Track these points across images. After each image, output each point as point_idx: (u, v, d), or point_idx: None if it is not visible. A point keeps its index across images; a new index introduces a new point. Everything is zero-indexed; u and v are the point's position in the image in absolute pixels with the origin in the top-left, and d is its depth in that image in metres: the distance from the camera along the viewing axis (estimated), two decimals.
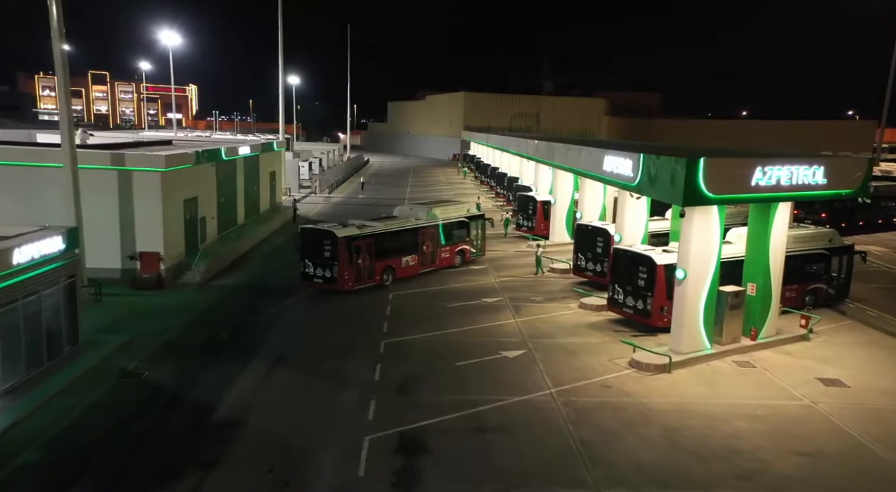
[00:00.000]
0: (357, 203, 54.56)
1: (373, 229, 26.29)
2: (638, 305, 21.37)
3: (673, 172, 16.30)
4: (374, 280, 26.04)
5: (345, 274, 24.77)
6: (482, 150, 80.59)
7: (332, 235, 24.66)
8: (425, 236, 28.46)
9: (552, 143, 33.06)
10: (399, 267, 27.24)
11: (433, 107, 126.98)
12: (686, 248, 18.20)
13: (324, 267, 24.93)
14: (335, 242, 24.54)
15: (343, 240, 24.59)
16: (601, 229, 26.68)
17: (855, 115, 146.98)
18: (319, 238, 24.96)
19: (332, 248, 24.62)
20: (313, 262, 25.12)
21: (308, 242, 25.34)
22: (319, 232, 25.24)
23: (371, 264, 25.80)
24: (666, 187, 16.80)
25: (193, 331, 20.89)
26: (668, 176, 16.60)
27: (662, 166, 17.01)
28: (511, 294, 26.04)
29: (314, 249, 25.05)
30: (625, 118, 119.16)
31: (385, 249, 26.48)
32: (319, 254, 24.90)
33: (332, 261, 24.67)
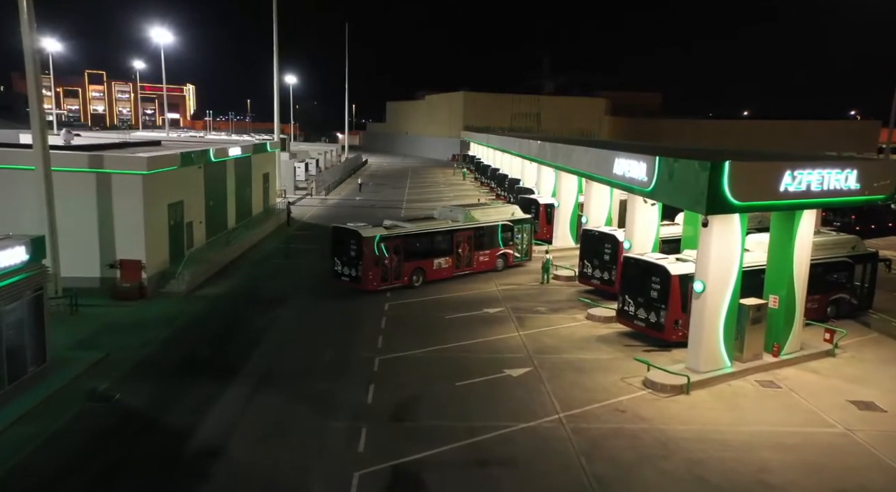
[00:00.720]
0: (354, 205, 53.14)
1: (401, 230, 26.15)
2: (650, 317, 19.97)
3: (694, 176, 14.89)
4: (403, 281, 25.90)
5: (369, 274, 24.81)
6: (482, 150, 79.22)
7: (357, 235, 24.73)
8: (461, 239, 27.93)
9: (556, 143, 31.63)
10: (430, 269, 26.88)
11: (432, 107, 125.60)
12: (705, 258, 16.78)
13: (350, 266, 25.12)
14: (360, 241, 24.61)
15: (368, 240, 24.60)
16: (609, 235, 25.27)
17: (857, 115, 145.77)
18: (347, 237, 25.19)
19: (357, 247, 24.75)
20: (341, 260, 25.46)
21: (337, 240, 25.66)
22: (347, 231, 25.41)
23: (399, 265, 25.64)
24: (686, 194, 15.40)
25: (174, 346, 19.46)
26: (688, 181, 15.19)
27: (682, 171, 15.60)
28: (514, 304, 24.63)
29: (342, 248, 25.35)
30: (626, 118, 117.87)
31: (415, 250, 26.33)
32: (346, 253, 25.19)
33: (357, 260, 24.80)
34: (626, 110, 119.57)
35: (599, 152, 22.76)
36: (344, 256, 25.25)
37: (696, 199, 14.80)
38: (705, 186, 14.23)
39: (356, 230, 24.95)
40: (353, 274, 25.05)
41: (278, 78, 50.98)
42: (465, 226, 28.10)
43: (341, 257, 25.38)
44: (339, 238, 25.51)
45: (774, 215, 18.13)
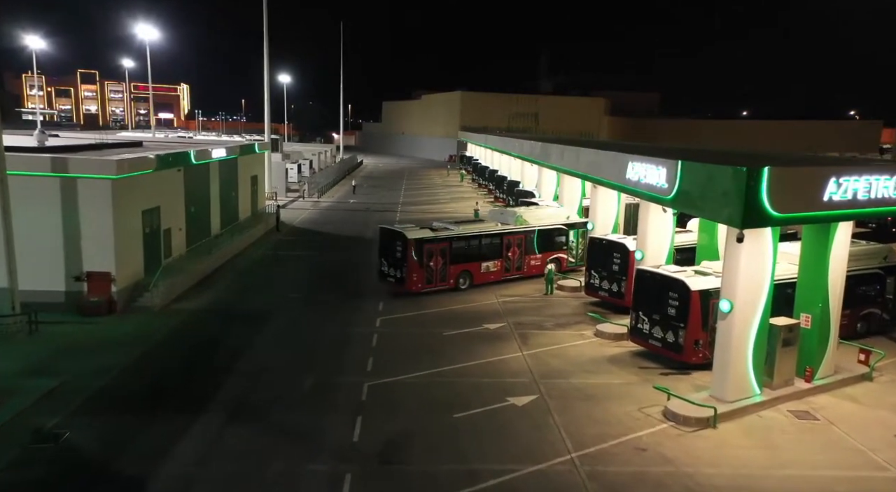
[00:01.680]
0: (347, 208, 51.25)
1: (447, 233, 26.06)
2: (668, 337, 18.12)
3: (727, 184, 13.04)
4: (448, 284, 25.84)
5: (413, 275, 24.84)
6: (480, 151, 77.39)
7: (402, 237, 24.85)
8: (510, 242, 27.45)
9: (562, 145, 29.75)
10: (477, 272, 26.68)
11: (429, 107, 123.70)
12: (732, 275, 14.94)
13: (395, 267, 25.26)
14: (405, 243, 24.66)
15: (413, 242, 24.67)
16: (618, 244, 23.42)
17: (856, 115, 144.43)
18: (393, 239, 25.35)
19: (402, 249, 24.83)
20: (387, 261, 25.65)
21: (383, 241, 25.90)
22: (393, 232, 25.58)
23: (445, 268, 25.57)
24: (715, 204, 13.54)
25: (139, 371, 17.53)
26: (718, 190, 13.34)
27: (711, 177, 13.75)
28: (516, 318, 22.77)
29: (388, 249, 25.55)
30: (625, 118, 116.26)
31: (462, 253, 26.18)
32: (392, 254, 25.35)
33: (402, 262, 24.85)
34: (625, 111, 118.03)
35: (610, 155, 20.89)
36: (390, 257, 25.45)
37: (729, 210, 12.94)
38: (741, 196, 12.39)
39: (402, 232, 25.11)
40: (397, 275, 25.11)
41: (269, 77, 49.07)
42: (515, 229, 27.61)
43: (387, 258, 25.60)
44: (386, 239, 25.72)
45: (807, 226, 16.30)
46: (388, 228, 26.24)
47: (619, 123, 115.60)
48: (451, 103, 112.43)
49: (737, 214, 12.66)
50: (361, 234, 39.53)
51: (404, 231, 25.16)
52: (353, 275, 28.98)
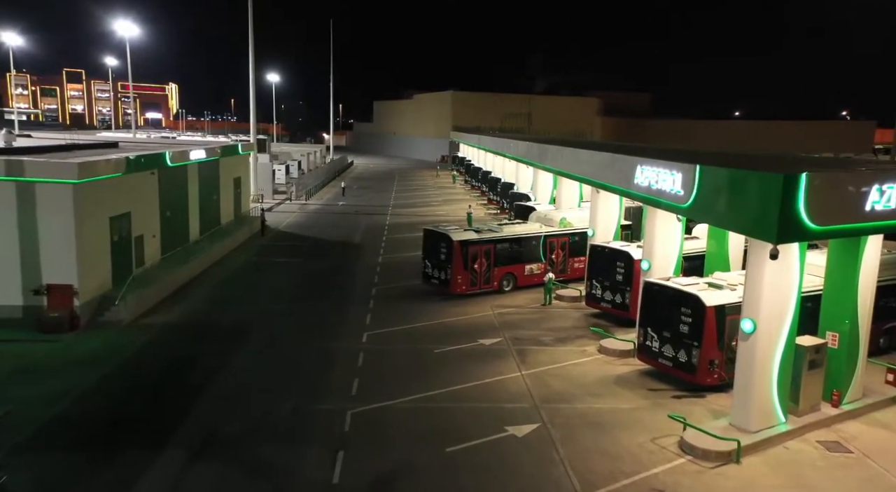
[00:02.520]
0: (335, 211, 49.56)
1: (492, 235, 25.89)
2: (679, 356, 16.63)
3: (758, 193, 11.54)
4: (492, 286, 25.63)
5: (458, 278, 24.74)
6: (473, 152, 75.87)
7: (448, 239, 24.80)
8: (554, 245, 27.07)
9: (560, 146, 28.24)
10: (521, 275, 26.35)
11: (420, 106, 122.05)
12: (756, 291, 13.46)
13: (440, 269, 25.24)
14: (450, 245, 24.61)
15: (458, 244, 24.61)
16: (622, 253, 21.93)
17: (847, 116, 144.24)
18: (437, 240, 25.29)
19: (447, 251, 24.79)
20: (431, 263, 25.64)
21: (428, 243, 25.90)
22: (438, 234, 25.51)
23: (489, 270, 25.37)
24: (743, 215, 12.03)
25: (99, 396, 15.84)
26: (747, 199, 11.84)
27: (737, 184, 12.24)
28: (513, 333, 21.22)
29: (432, 251, 25.52)
30: (618, 119, 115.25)
31: (506, 255, 25.94)
32: (437, 256, 25.31)
33: (447, 263, 24.84)
34: (617, 111, 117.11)
35: (615, 157, 19.36)
36: (434, 259, 25.45)
37: (761, 223, 11.43)
38: (776, 207, 10.89)
39: (447, 233, 25.07)
40: (442, 277, 25.14)
41: (255, 76, 47.25)
42: (559, 232, 27.31)
43: (431, 260, 25.60)
44: (430, 241, 25.68)
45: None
46: (432, 229, 26.21)
47: (611, 123, 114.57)
48: (443, 103, 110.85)
49: (771, 228, 11.15)
50: (349, 239, 37.90)
51: (449, 233, 25.11)
52: (340, 284, 27.35)
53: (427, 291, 26.05)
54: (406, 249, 34.69)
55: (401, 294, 25.88)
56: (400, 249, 34.97)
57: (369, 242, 36.95)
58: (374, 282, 27.80)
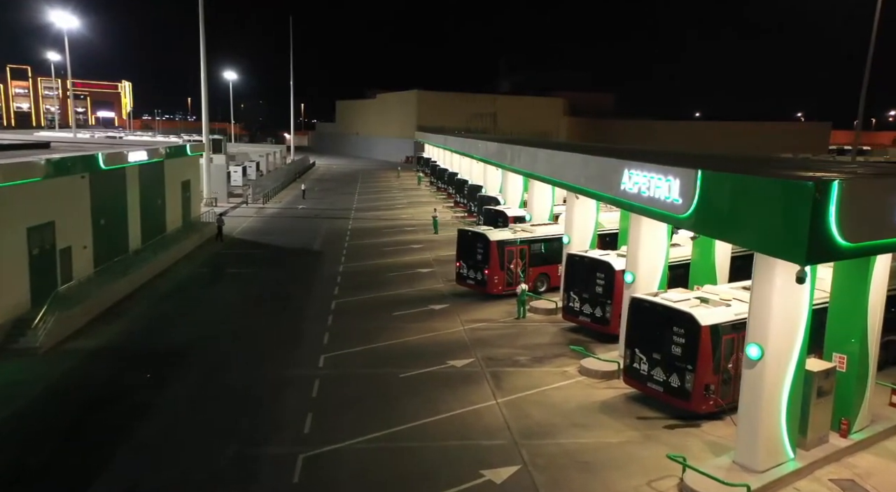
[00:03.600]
0: (295, 215, 47.03)
1: (527, 235, 25.37)
2: (671, 381, 15.00)
3: (780, 204, 9.85)
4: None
5: (494, 278, 24.43)
6: (438, 152, 74.00)
7: (485, 238, 24.52)
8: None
9: (533, 148, 26.54)
10: (554, 275, 25.36)
11: (384, 106, 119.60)
12: (762, 314, 11.87)
13: (475, 270, 24.93)
14: (487, 244, 24.31)
15: (495, 243, 24.28)
16: (602, 263, 20.28)
17: (801, 117, 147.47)
18: (473, 241, 24.95)
19: (484, 250, 24.51)
20: (467, 264, 25.33)
21: (462, 243, 25.59)
22: (474, 234, 25.21)
23: (524, 271, 24.91)
24: (760, 231, 10.32)
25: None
26: (766, 211, 10.16)
27: (750, 193, 10.56)
28: (486, 352, 19.36)
29: (468, 252, 25.19)
30: (583, 119, 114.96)
31: (540, 255, 25.46)
32: (472, 256, 24.98)
33: (483, 264, 24.61)
34: (581, 111, 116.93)
35: (598, 161, 17.63)
36: (470, 259, 25.11)
37: (785, 240, 9.75)
38: (805, 221, 9.22)
39: (483, 233, 24.80)
40: (478, 278, 24.84)
41: (206, 71, 44.43)
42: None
43: (467, 261, 25.27)
44: (466, 241, 25.36)
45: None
46: (468, 229, 26.02)
47: (577, 123, 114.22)
48: (408, 103, 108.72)
49: (798, 247, 9.48)
50: (308, 245, 35.56)
51: (486, 233, 24.84)
52: (297, 298, 25.10)
53: (392, 304, 24.04)
54: (369, 257, 32.59)
55: (363, 308, 23.80)
56: (363, 256, 32.84)
57: (330, 248, 34.70)
58: (334, 294, 25.64)
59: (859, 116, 53.26)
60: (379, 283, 27.41)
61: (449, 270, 29.66)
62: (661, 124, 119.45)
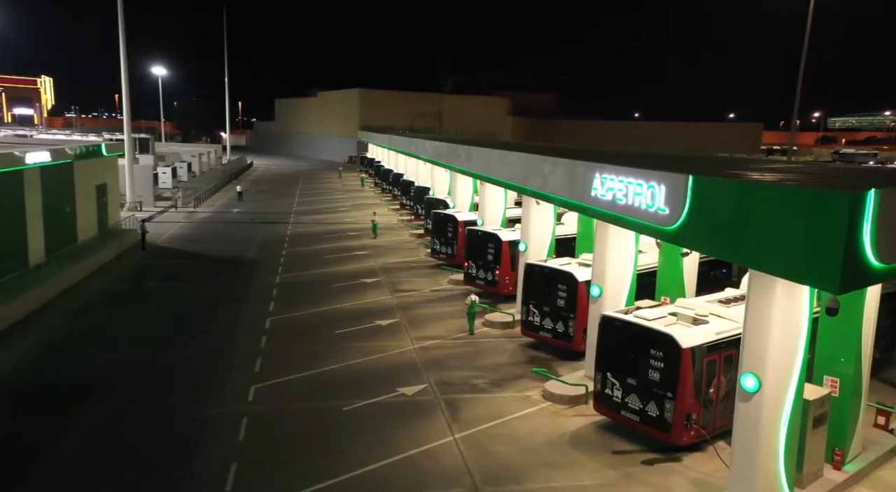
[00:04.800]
0: (229, 220, 43.80)
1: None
2: (649, 410, 13.44)
3: (803, 218, 8.23)
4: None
5: (506, 278, 23.69)
6: (383, 152, 71.62)
7: (496, 238, 23.93)
8: None
9: (487, 149, 24.78)
10: None
11: (326, 105, 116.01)
12: (760, 342, 10.39)
13: (486, 270, 24.30)
14: (499, 244, 23.70)
15: (507, 244, 23.63)
16: (564, 274, 18.63)
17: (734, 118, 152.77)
18: (484, 240, 24.26)
19: (495, 250, 23.79)
20: (476, 264, 24.68)
21: (472, 242, 24.88)
22: (485, 234, 24.49)
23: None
24: (776, 250, 8.66)
25: None
26: (783, 227, 8.53)
27: (765, 205, 8.88)
28: (440, 375, 17.40)
29: (478, 251, 24.49)
30: (528, 118, 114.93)
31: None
32: (482, 256, 24.32)
33: (494, 264, 23.98)
34: (524, 111, 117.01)
35: (562, 164, 15.89)
36: (479, 259, 24.55)
37: (812, 263, 8.10)
38: (839, 241, 7.62)
39: (495, 233, 24.36)
40: (488, 278, 24.36)
41: (126, 62, 40.74)
42: None
43: (476, 261, 24.72)
44: (475, 241, 24.75)
45: None
46: (477, 229, 25.46)
47: (521, 122, 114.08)
48: (350, 101, 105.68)
49: (832, 271, 7.86)
50: (243, 254, 32.70)
51: (497, 232, 24.31)
52: (226, 315, 22.47)
53: (334, 321, 21.76)
54: (309, 265, 30.10)
55: (302, 326, 21.45)
56: (302, 265, 30.31)
57: (266, 257, 31.98)
58: (269, 310, 23.13)
59: (794, 118, 54.40)
60: (320, 295, 25.05)
61: (397, 280, 27.63)
62: (602, 124, 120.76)
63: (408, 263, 31.14)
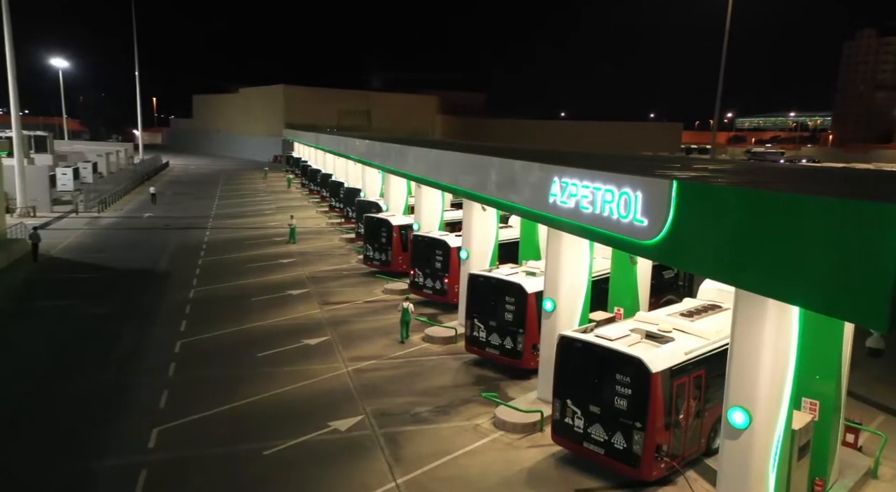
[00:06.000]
0: (138, 226, 39.90)
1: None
2: (615, 442, 11.98)
3: (834, 237, 6.70)
4: None
5: (454, 287, 22.17)
6: (310, 152, 68.51)
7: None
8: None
9: (424, 148, 22.94)
10: None
11: (248, 102, 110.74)
12: (749, 371, 9.09)
13: (434, 278, 23.00)
14: (447, 251, 22.55)
15: (455, 249, 22.16)
16: (513, 285, 17.04)
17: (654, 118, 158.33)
18: (432, 247, 22.95)
19: (443, 259, 22.74)
20: (423, 272, 23.34)
21: (418, 251, 23.61)
22: (430, 240, 23.13)
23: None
24: (796, 274, 7.07)
25: None
26: (811, 246, 6.95)
27: (780, 219, 7.27)
28: (377, 403, 15.40)
29: (423, 259, 23.35)
30: (457, 117, 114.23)
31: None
32: (430, 264, 23.06)
33: (443, 272, 22.81)
34: (454, 110, 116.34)
35: (513, 165, 14.20)
36: (427, 267, 23.06)
37: (848, 292, 6.57)
38: (890, 265, 6.14)
39: (443, 239, 22.87)
40: (436, 286, 23.06)
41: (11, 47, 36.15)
42: None
43: (423, 268, 23.23)
44: (422, 247, 23.32)
45: None
46: (424, 235, 23.77)
47: (451, 121, 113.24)
48: (274, 98, 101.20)
49: (878, 305, 6.32)
50: (153, 265, 29.41)
51: (445, 238, 22.98)
52: (129, 339, 19.58)
53: (256, 341, 19.30)
54: (228, 276, 27.29)
55: (218, 349, 18.91)
56: (220, 276, 27.46)
57: (179, 268, 28.87)
58: (181, 331, 20.40)
59: (715, 118, 55.82)
60: (240, 312, 22.47)
61: (327, 290, 25.36)
62: (531, 123, 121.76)
63: (338, 271, 28.88)
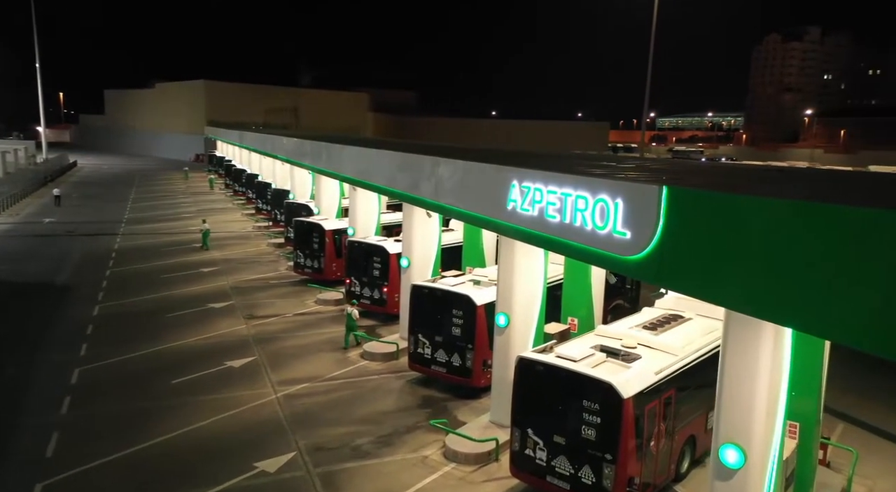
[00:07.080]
0: (37, 232, 35.93)
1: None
2: (583, 476, 10.74)
3: (858, 250, 5.65)
4: None
5: (395, 297, 20.69)
6: (234, 151, 64.88)
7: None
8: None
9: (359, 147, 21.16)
10: None
11: (166, 97, 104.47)
12: (742, 404, 8.01)
13: (371, 287, 21.56)
14: (386, 258, 20.97)
15: (394, 256, 20.58)
16: (460, 297, 15.58)
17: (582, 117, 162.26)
18: (370, 253, 21.43)
19: (382, 265, 21.28)
20: (358, 278, 21.82)
21: (353, 255, 22.10)
22: (369, 247, 21.58)
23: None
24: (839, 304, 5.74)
25: None
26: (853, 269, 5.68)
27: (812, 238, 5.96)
28: (312, 436, 13.58)
29: (358, 267, 21.87)
30: (388, 115, 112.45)
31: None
32: (366, 270, 21.54)
33: (381, 280, 21.30)
34: (384, 107, 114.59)
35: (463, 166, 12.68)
36: (364, 275, 21.59)
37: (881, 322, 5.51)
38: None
39: (380, 245, 21.43)
40: (374, 295, 21.56)
41: None
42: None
43: (360, 276, 21.75)
44: (358, 254, 21.82)
45: None
46: (360, 240, 22.17)
47: (382, 119, 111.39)
48: (194, 94, 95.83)
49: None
50: (51, 277, 26.16)
51: (383, 244, 21.48)
52: (14, 367, 16.82)
53: (171, 365, 16.98)
54: (141, 289, 24.52)
55: (125, 376, 16.49)
56: (131, 289, 24.63)
57: (83, 280, 25.79)
58: (80, 357, 17.77)
59: (644, 118, 56.75)
60: (153, 330, 19.98)
61: (253, 302, 23.15)
62: (463, 122, 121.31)
63: (266, 280, 26.63)
